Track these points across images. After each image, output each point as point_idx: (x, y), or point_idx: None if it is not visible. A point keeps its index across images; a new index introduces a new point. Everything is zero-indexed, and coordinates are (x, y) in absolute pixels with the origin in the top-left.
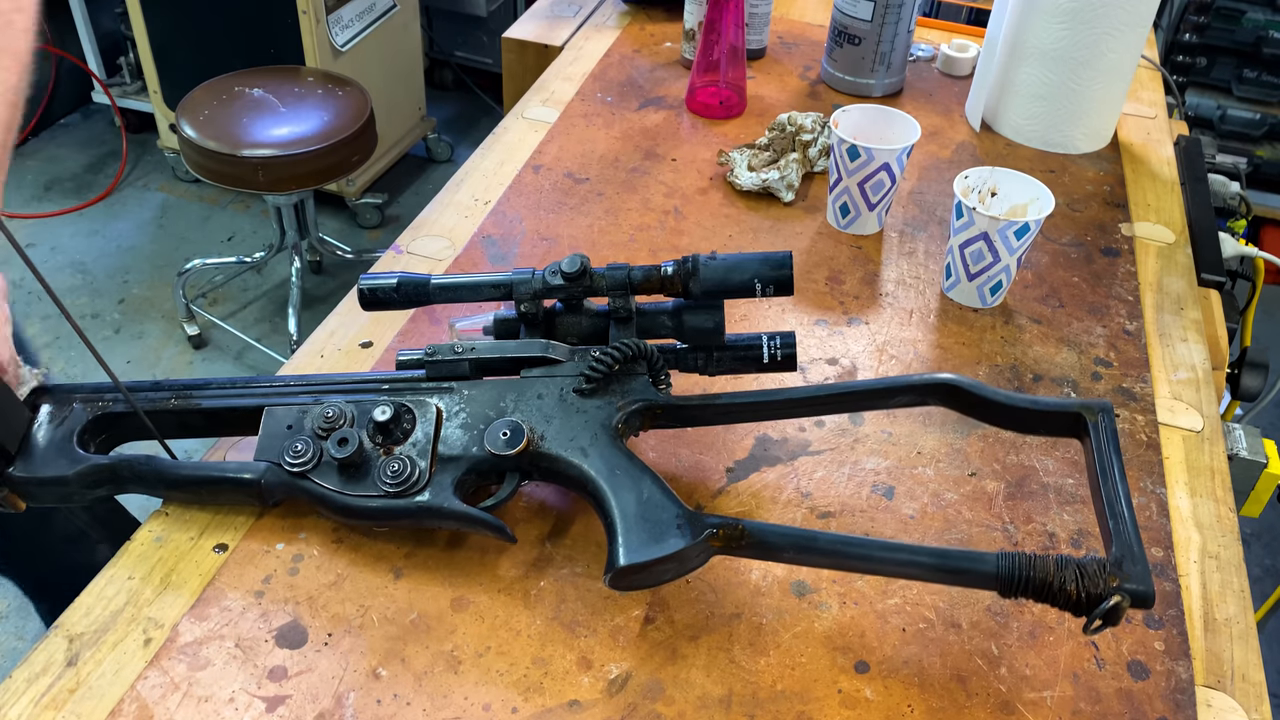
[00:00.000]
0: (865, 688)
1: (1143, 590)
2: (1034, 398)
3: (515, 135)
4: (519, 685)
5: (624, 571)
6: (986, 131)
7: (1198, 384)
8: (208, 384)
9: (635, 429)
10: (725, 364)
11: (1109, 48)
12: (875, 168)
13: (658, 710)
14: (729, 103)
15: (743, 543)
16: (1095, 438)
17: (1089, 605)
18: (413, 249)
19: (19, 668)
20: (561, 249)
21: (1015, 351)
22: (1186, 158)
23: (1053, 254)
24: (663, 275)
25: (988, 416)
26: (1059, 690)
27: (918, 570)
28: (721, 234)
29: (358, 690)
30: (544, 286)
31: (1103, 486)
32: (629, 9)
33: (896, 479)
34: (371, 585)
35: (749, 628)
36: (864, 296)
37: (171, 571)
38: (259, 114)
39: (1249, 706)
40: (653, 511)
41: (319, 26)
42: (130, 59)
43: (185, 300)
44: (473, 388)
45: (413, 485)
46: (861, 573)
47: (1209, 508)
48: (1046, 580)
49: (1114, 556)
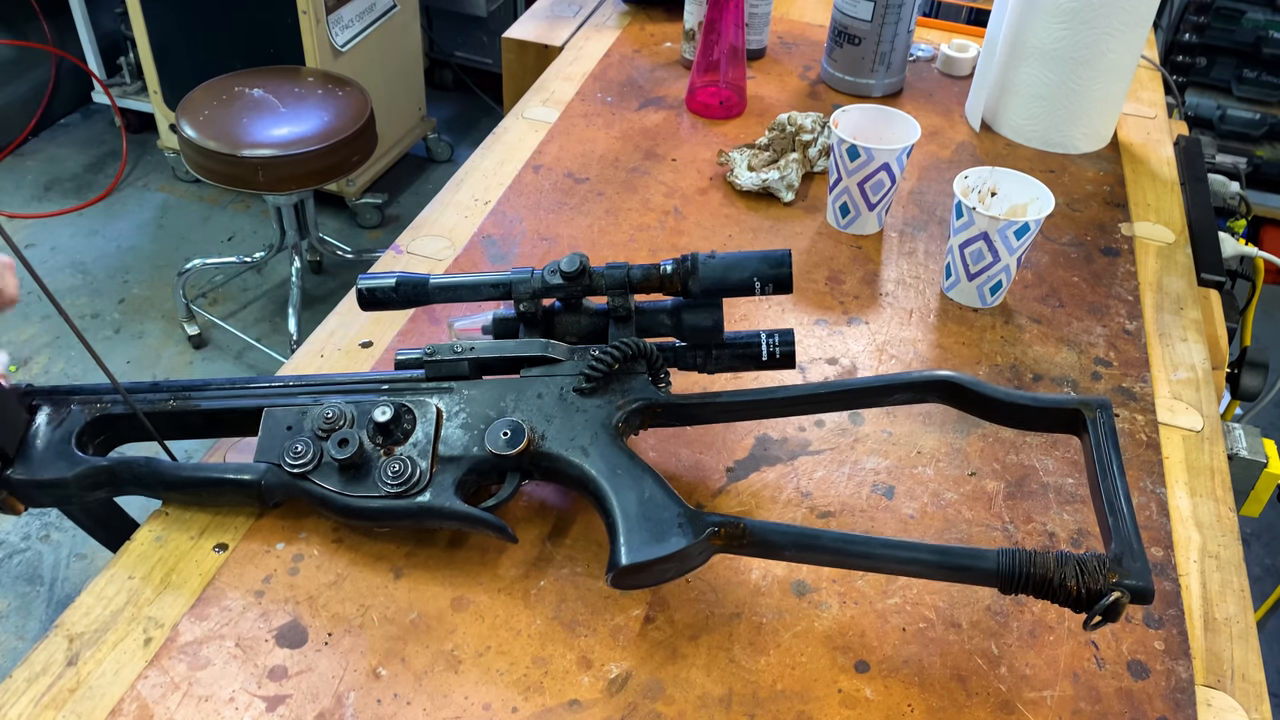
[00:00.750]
0: (865, 687)
1: (1142, 586)
2: (1033, 394)
3: (515, 135)
4: (519, 685)
5: (626, 571)
6: (986, 131)
7: (1198, 384)
8: (207, 385)
9: (635, 427)
10: (724, 362)
11: (1109, 48)
12: (875, 168)
13: (658, 710)
14: (729, 103)
15: (744, 541)
16: (1094, 434)
17: (1089, 601)
18: (413, 249)
19: (19, 668)
20: (561, 249)
21: (1015, 351)
22: (1186, 158)
23: (1053, 254)
24: (662, 274)
25: (986, 413)
26: (1059, 690)
27: (919, 567)
28: (721, 234)
29: (358, 690)
30: (543, 286)
31: (1102, 483)
32: (629, 9)
33: (896, 479)
34: (371, 585)
35: (749, 627)
36: (864, 296)
37: (171, 571)
38: (259, 114)
39: (1249, 706)
40: (654, 511)
41: (319, 26)
42: (130, 59)
43: (185, 300)
44: (472, 388)
45: (414, 485)
46: (863, 570)
47: (1209, 507)
48: (1047, 576)
49: (1114, 553)
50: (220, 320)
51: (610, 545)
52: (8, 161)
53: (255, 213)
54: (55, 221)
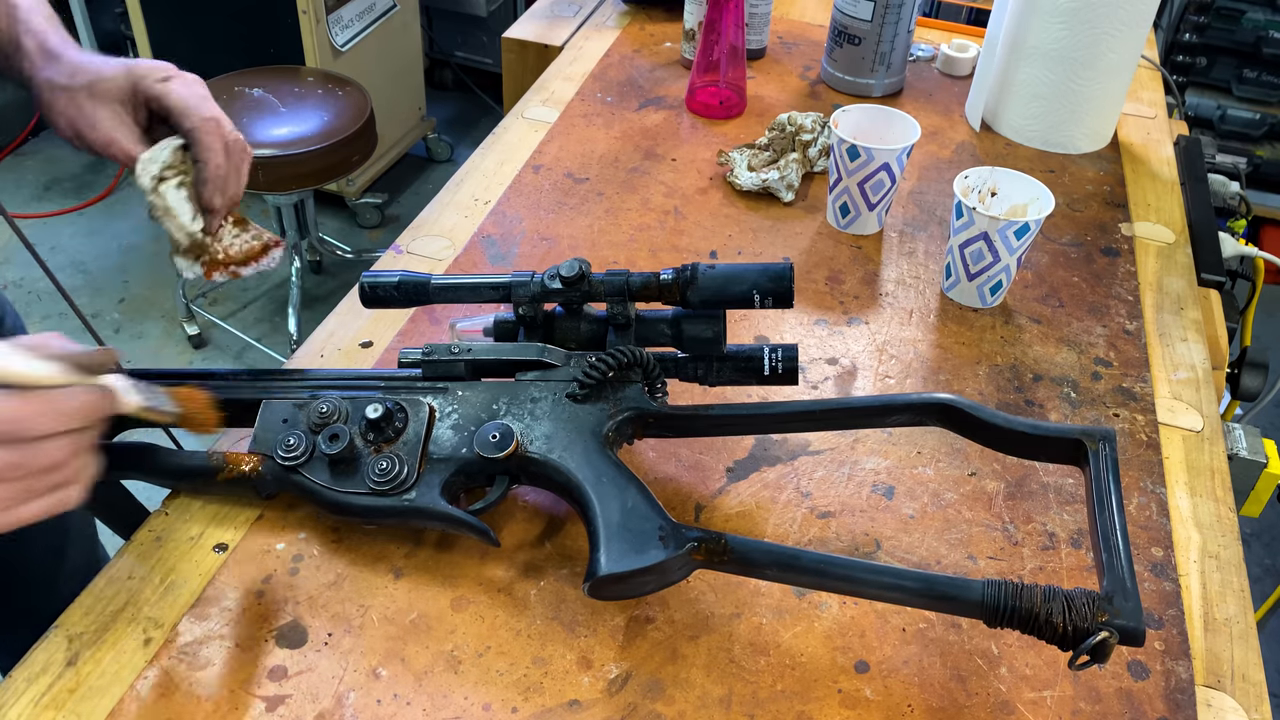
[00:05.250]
0: (865, 688)
1: (1133, 627)
2: (1034, 422)
3: (515, 135)
4: (519, 685)
5: (603, 581)
6: (986, 131)
7: (1198, 384)
8: (211, 374)
9: (628, 437)
10: (725, 375)
11: (1109, 48)
12: (875, 168)
13: (658, 710)
14: (729, 103)
15: (725, 558)
16: (1095, 466)
17: (1075, 640)
18: (413, 249)
19: (19, 668)
20: (561, 249)
21: (1015, 351)
22: (1186, 158)
23: (1053, 254)
24: (661, 283)
25: (987, 440)
26: (1059, 690)
27: (902, 594)
28: (721, 234)
29: (358, 690)
30: (542, 290)
31: (1099, 518)
32: (629, 9)
33: (896, 479)
34: (371, 585)
35: (749, 628)
36: (864, 296)
37: (171, 571)
38: (259, 114)
39: (1249, 706)
40: (636, 521)
41: (319, 26)
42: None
43: (185, 300)
44: (467, 389)
45: (400, 484)
46: (844, 594)
47: (1209, 508)
48: (1033, 611)
49: (1105, 590)
50: (220, 320)
51: (590, 554)
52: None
53: (255, 212)
54: (55, 221)
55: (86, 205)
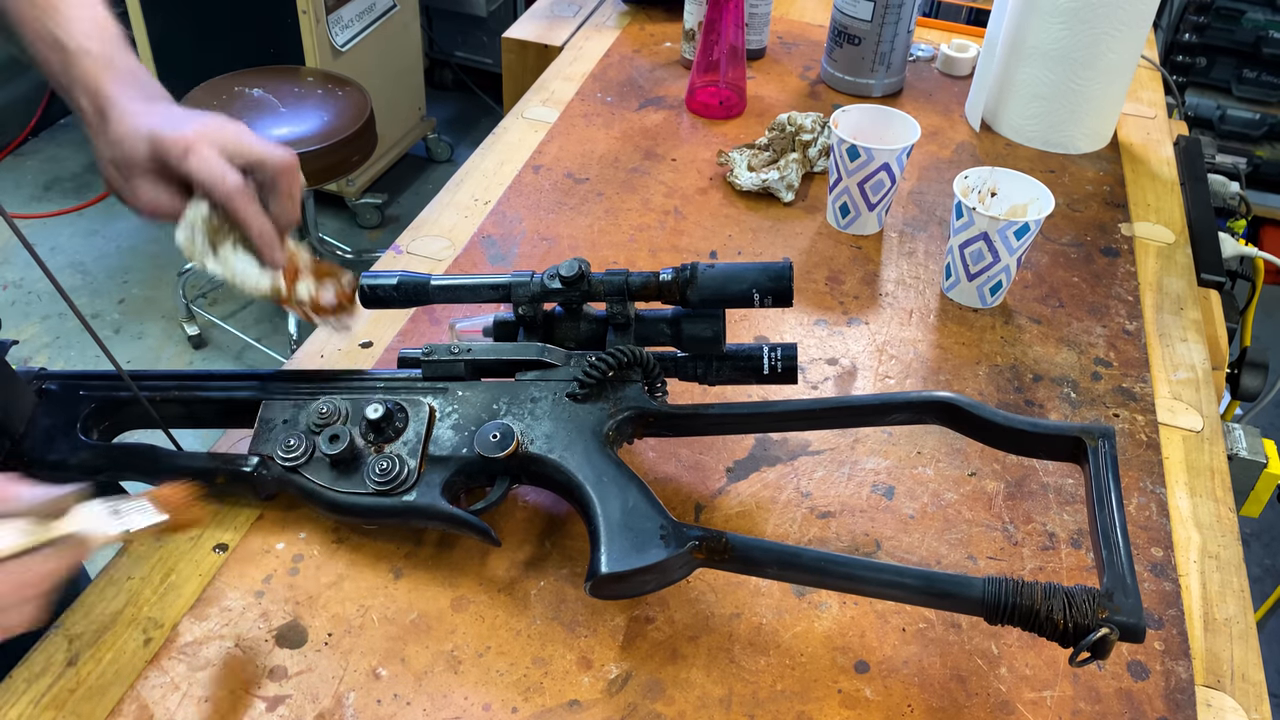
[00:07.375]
0: (865, 688)
1: (1133, 623)
2: (1034, 420)
3: (515, 135)
4: (519, 685)
5: (605, 580)
6: (986, 131)
7: (1197, 384)
8: (211, 375)
9: (628, 436)
10: (725, 374)
11: (1109, 48)
12: (875, 168)
13: (658, 710)
14: (729, 103)
15: (726, 556)
16: (1094, 464)
17: (1075, 636)
18: (413, 249)
19: (19, 668)
20: (561, 249)
21: (1015, 351)
22: (1186, 158)
23: (1052, 254)
24: (660, 282)
25: (986, 438)
26: (1059, 690)
27: (902, 592)
28: (721, 234)
29: (358, 690)
30: (541, 290)
31: (1099, 515)
32: (629, 9)
33: (896, 479)
34: (371, 585)
35: (749, 628)
36: (864, 296)
37: (171, 571)
38: (259, 114)
39: (1249, 706)
40: (637, 520)
41: (319, 26)
42: None
43: (185, 300)
44: (467, 389)
45: (400, 484)
46: (845, 592)
47: (1209, 508)
48: (1033, 608)
49: (1105, 587)
50: (220, 320)
51: (591, 553)
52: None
53: None
54: (55, 221)
55: (86, 205)
